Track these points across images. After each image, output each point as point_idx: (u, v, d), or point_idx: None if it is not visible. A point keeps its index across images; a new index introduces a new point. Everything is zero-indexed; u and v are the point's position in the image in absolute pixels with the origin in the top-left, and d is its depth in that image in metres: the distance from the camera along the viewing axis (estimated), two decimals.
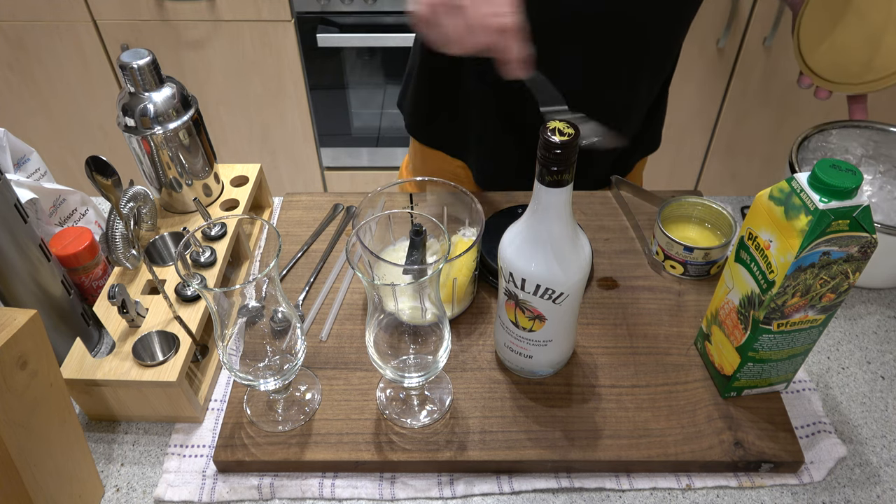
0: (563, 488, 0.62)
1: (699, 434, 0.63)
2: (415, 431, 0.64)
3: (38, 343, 0.53)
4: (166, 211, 0.81)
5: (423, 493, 0.62)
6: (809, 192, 0.51)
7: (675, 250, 0.76)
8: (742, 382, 0.64)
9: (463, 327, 0.73)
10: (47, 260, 0.67)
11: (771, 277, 0.55)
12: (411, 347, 0.60)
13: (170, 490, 0.62)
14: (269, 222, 0.72)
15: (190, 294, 0.69)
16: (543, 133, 0.50)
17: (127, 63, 0.71)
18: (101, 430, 0.67)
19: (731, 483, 0.62)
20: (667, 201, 0.79)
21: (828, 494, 0.62)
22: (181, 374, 0.63)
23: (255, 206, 0.89)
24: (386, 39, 1.71)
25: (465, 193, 0.70)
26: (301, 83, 1.80)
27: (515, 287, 0.59)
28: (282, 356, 0.61)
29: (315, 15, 1.69)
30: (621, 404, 0.66)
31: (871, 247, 0.52)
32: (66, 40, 1.73)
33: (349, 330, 0.73)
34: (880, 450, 0.65)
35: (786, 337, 0.59)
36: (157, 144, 0.74)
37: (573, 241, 0.56)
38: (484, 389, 0.67)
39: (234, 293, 0.58)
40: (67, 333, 0.68)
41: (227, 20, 1.68)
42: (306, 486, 0.62)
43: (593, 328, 0.73)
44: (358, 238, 0.60)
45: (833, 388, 0.70)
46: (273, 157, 1.98)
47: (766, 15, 1.62)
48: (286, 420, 0.65)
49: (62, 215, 0.79)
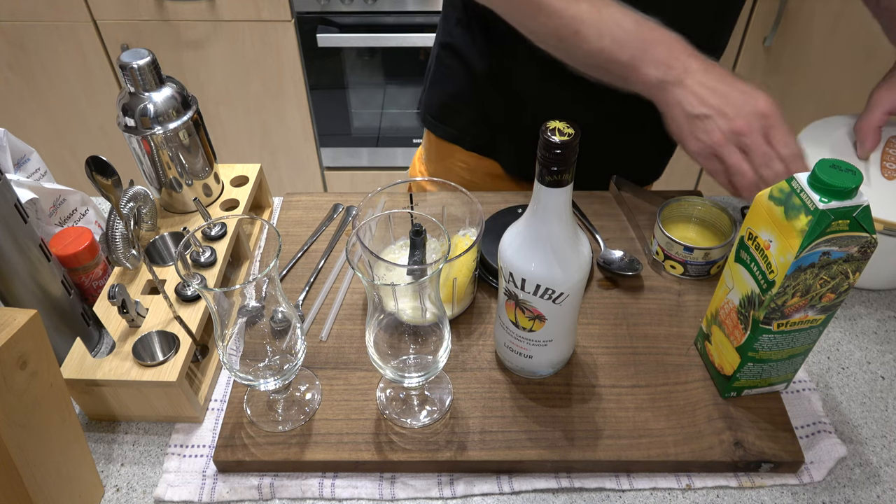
0: (563, 488, 0.62)
1: (699, 434, 0.63)
2: (415, 431, 0.64)
3: (38, 343, 0.53)
4: (166, 211, 0.81)
5: (423, 493, 0.62)
6: (809, 192, 0.51)
7: (675, 250, 0.76)
8: (742, 382, 0.64)
9: (463, 327, 0.73)
10: (47, 260, 0.67)
11: (771, 277, 0.55)
12: (411, 347, 0.60)
13: (170, 490, 0.62)
14: (269, 222, 0.72)
15: (190, 294, 0.69)
16: (543, 133, 0.49)
17: (127, 63, 0.71)
18: (101, 430, 0.67)
19: (731, 483, 0.62)
20: (667, 201, 0.79)
21: (828, 494, 0.62)
22: (181, 374, 0.63)
23: (255, 206, 0.89)
24: (386, 39, 1.72)
25: (465, 193, 0.70)
26: (301, 83, 1.80)
27: (515, 287, 0.59)
28: (282, 356, 0.61)
29: (315, 15, 1.69)
30: (621, 404, 0.66)
31: (871, 247, 0.52)
32: (66, 40, 1.73)
33: (349, 330, 0.73)
34: (880, 450, 0.65)
35: (786, 337, 0.59)
36: (157, 144, 0.74)
37: (573, 241, 0.56)
38: (484, 389, 0.67)
39: (234, 293, 0.58)
40: (67, 333, 0.68)
41: (227, 20, 1.68)
42: (306, 486, 0.62)
43: (593, 328, 0.73)
44: (358, 238, 0.60)
45: (833, 388, 0.70)
46: (273, 157, 1.98)
47: (765, 15, 1.62)
48: (286, 420, 0.65)
49: (62, 215, 0.79)
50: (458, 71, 0.91)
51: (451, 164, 0.99)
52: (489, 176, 0.98)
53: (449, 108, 0.95)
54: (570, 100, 0.85)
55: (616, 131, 0.87)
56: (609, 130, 0.87)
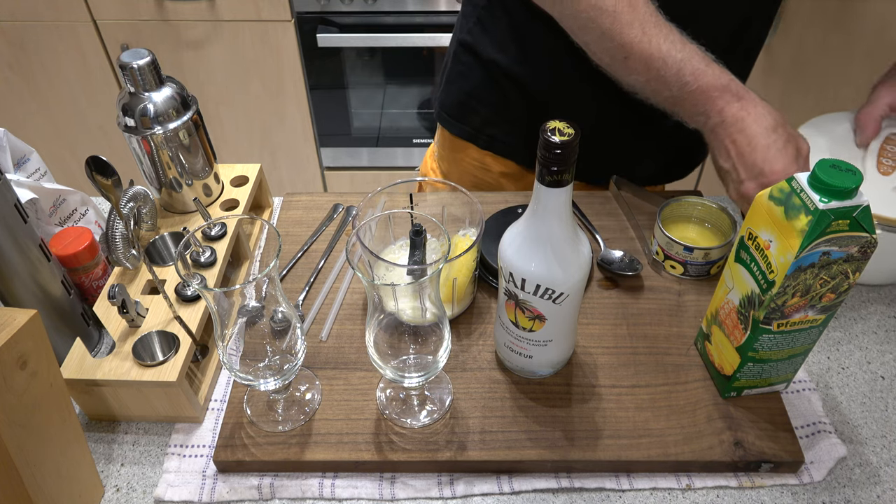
0: (563, 488, 0.62)
1: (699, 434, 0.63)
2: (415, 431, 0.64)
3: (38, 343, 0.53)
4: (166, 211, 0.81)
5: (423, 493, 0.62)
6: (809, 192, 0.51)
7: (675, 250, 0.76)
8: (742, 382, 0.64)
9: (463, 327, 0.73)
10: (47, 260, 0.67)
11: (771, 277, 0.55)
12: (411, 347, 0.60)
13: (170, 490, 0.62)
14: (269, 222, 0.72)
15: (190, 294, 0.69)
16: (543, 133, 0.49)
17: (127, 63, 0.71)
18: (101, 430, 0.67)
19: (731, 483, 0.62)
20: (667, 201, 0.79)
21: (828, 494, 0.62)
22: (181, 374, 0.63)
23: (255, 206, 0.89)
24: (386, 39, 1.72)
25: (466, 193, 0.70)
26: (301, 83, 1.80)
27: (515, 287, 0.59)
28: (282, 356, 0.61)
29: (315, 15, 1.69)
30: (621, 404, 0.66)
31: (871, 247, 0.52)
32: (66, 40, 1.73)
33: (349, 330, 0.73)
34: (880, 450, 0.65)
35: (786, 337, 0.59)
36: (157, 144, 0.74)
37: (573, 241, 0.56)
38: (484, 389, 0.67)
39: (234, 293, 0.58)
40: (67, 333, 0.68)
41: (227, 20, 1.68)
42: (306, 486, 0.62)
43: (593, 328, 0.73)
44: (358, 238, 0.60)
45: (833, 388, 0.70)
46: (273, 157, 1.98)
47: None
48: (286, 420, 0.65)
49: (62, 215, 0.79)
50: (475, 69, 0.92)
51: (464, 163, 0.99)
52: (503, 176, 0.98)
53: (465, 107, 0.95)
54: (590, 96, 0.85)
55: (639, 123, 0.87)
56: (632, 122, 0.87)
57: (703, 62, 0.71)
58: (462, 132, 0.97)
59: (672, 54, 0.70)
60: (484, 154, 0.97)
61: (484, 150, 0.96)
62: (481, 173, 0.99)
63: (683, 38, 0.72)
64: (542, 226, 0.55)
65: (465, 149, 0.98)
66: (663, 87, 0.72)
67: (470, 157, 0.98)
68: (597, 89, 0.82)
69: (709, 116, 0.72)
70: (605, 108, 0.85)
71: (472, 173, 0.99)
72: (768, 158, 0.68)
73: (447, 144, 1.01)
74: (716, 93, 0.70)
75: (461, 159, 0.99)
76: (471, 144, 0.97)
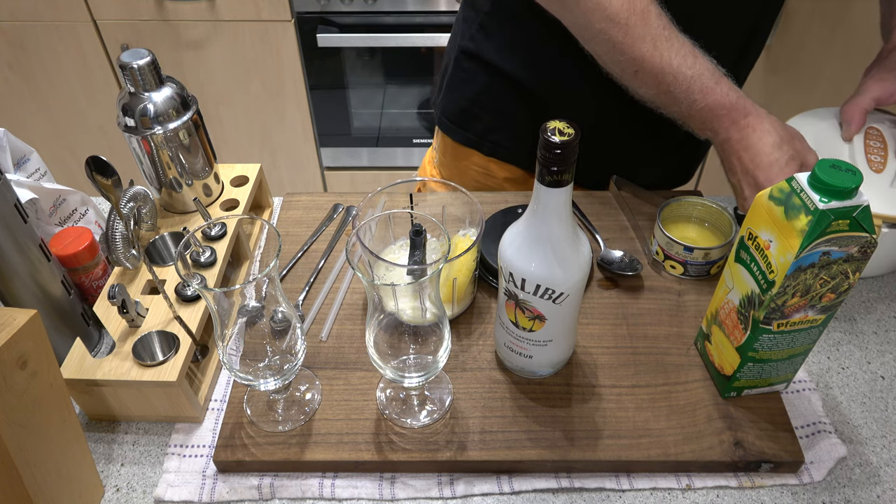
0: (563, 488, 0.62)
1: (699, 434, 0.63)
2: (415, 431, 0.64)
3: (38, 343, 0.53)
4: (166, 211, 0.81)
5: (423, 493, 0.62)
6: (809, 192, 0.51)
7: (675, 250, 0.76)
8: (742, 382, 0.64)
9: (463, 327, 0.73)
10: (47, 260, 0.67)
11: (771, 277, 0.55)
12: (411, 347, 0.60)
13: (170, 490, 0.62)
14: (269, 222, 0.72)
15: (190, 294, 0.69)
16: (543, 133, 0.49)
17: (127, 63, 0.71)
18: (101, 430, 0.67)
19: (731, 483, 0.62)
20: (667, 201, 0.79)
21: (828, 494, 0.62)
22: (181, 374, 0.63)
23: (255, 206, 0.89)
24: (386, 39, 1.72)
25: (466, 193, 0.70)
26: (301, 83, 1.80)
27: (515, 287, 0.59)
28: (282, 356, 0.61)
29: (315, 15, 1.69)
30: (621, 404, 0.66)
31: (871, 247, 0.52)
32: (66, 40, 1.73)
33: (349, 330, 0.73)
34: (880, 450, 0.65)
35: (786, 337, 0.59)
36: (157, 144, 0.74)
37: (573, 241, 0.56)
38: (484, 389, 0.67)
39: (234, 293, 0.58)
40: (67, 333, 0.68)
41: (227, 20, 1.68)
42: (306, 486, 0.62)
43: (593, 328, 0.73)
44: (358, 238, 0.60)
45: (833, 388, 0.70)
46: (273, 157, 1.98)
47: None
48: (286, 420, 0.65)
49: (62, 215, 0.79)
50: (478, 75, 0.91)
51: (466, 169, 0.99)
52: (508, 181, 0.98)
53: (468, 113, 0.95)
54: (596, 104, 0.85)
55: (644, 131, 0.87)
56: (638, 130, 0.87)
57: (712, 79, 0.71)
58: (465, 139, 0.97)
59: (682, 70, 0.71)
60: (488, 160, 0.96)
61: (488, 157, 0.96)
62: (485, 179, 0.98)
63: (696, 51, 0.72)
64: (542, 226, 0.55)
65: (469, 156, 0.98)
66: (672, 102, 0.73)
67: (473, 163, 0.98)
68: (603, 97, 0.82)
69: (717, 133, 0.73)
70: (609, 115, 0.86)
71: (476, 179, 0.99)
72: (770, 176, 0.69)
73: (449, 152, 1.00)
74: (723, 111, 0.71)
75: (464, 166, 0.99)
76: (474, 151, 0.97)
